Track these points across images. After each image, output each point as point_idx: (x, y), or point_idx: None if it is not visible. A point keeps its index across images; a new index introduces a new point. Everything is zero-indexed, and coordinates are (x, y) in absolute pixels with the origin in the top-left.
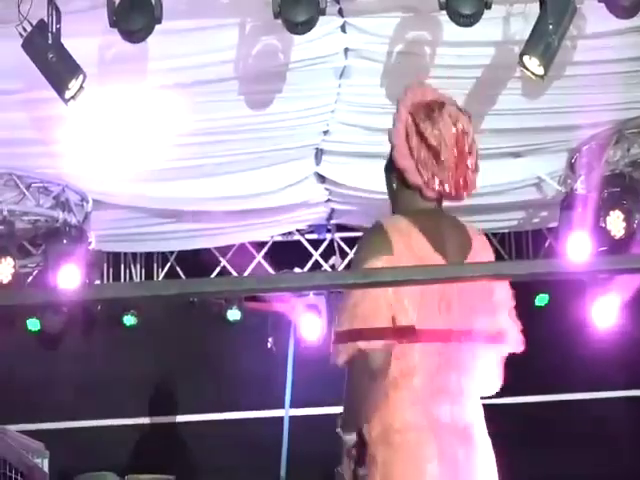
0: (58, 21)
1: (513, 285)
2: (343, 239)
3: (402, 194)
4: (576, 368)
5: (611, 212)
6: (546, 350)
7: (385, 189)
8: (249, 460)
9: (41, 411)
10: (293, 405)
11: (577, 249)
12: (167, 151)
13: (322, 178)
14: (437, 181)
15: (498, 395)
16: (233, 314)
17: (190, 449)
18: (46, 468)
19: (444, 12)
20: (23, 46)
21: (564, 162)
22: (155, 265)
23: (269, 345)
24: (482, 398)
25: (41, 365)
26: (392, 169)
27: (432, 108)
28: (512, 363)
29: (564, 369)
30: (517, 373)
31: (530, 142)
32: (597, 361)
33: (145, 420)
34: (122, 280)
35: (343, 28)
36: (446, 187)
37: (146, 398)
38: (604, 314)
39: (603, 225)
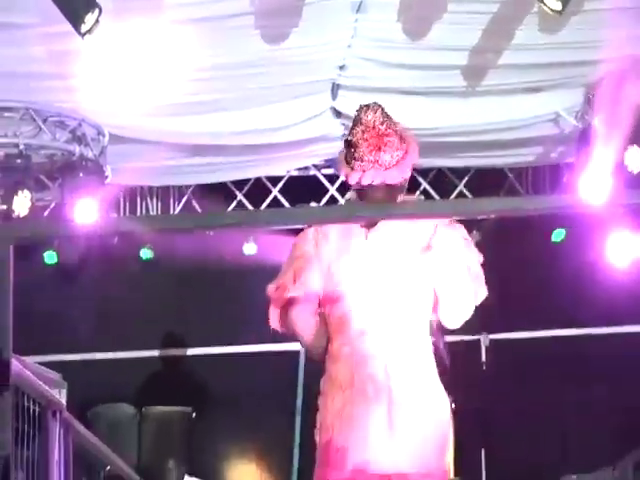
0: None
1: (530, 219)
2: None
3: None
4: (592, 303)
5: (629, 147)
6: (562, 285)
7: (402, 123)
8: (265, 392)
9: (59, 343)
10: None
11: (594, 184)
12: (183, 85)
13: (338, 113)
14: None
15: (514, 329)
16: (249, 248)
17: (207, 381)
18: (64, 399)
19: None
20: None
21: (581, 97)
22: (171, 199)
23: None
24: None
25: (58, 298)
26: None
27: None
28: (528, 298)
29: (580, 304)
30: (533, 308)
31: (547, 77)
32: (613, 296)
33: (161, 352)
34: (138, 214)
35: None
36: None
37: (162, 331)
38: (621, 250)
39: (621, 160)
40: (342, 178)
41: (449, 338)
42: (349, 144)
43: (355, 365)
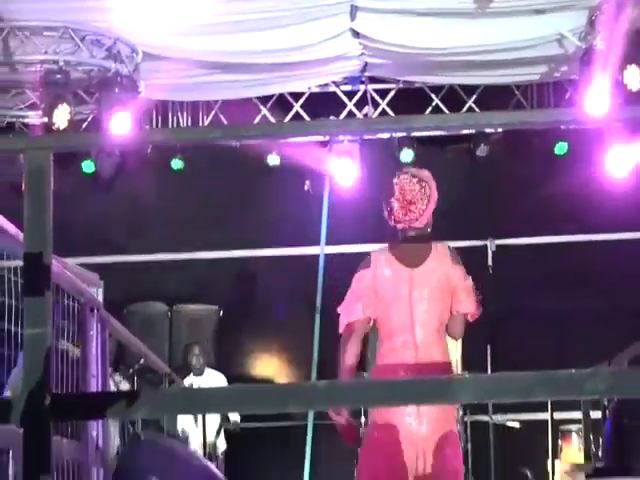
0: None
1: (532, 132)
2: (375, 90)
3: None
4: (593, 212)
5: (628, 66)
6: (564, 195)
7: (416, 43)
8: (287, 292)
9: (96, 246)
10: (328, 243)
11: (595, 100)
12: (213, 6)
13: (356, 33)
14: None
15: (520, 235)
16: (273, 159)
17: (233, 282)
18: (101, 297)
19: None
20: None
21: (585, 19)
22: (200, 113)
23: (306, 188)
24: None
25: (96, 205)
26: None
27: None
28: (532, 206)
29: (581, 212)
30: (537, 216)
31: (553, 0)
32: (613, 205)
33: (191, 255)
34: (170, 127)
35: None
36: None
37: (191, 235)
38: (619, 161)
39: (620, 79)
40: (360, 94)
41: (461, 243)
42: (389, 206)
43: (397, 363)
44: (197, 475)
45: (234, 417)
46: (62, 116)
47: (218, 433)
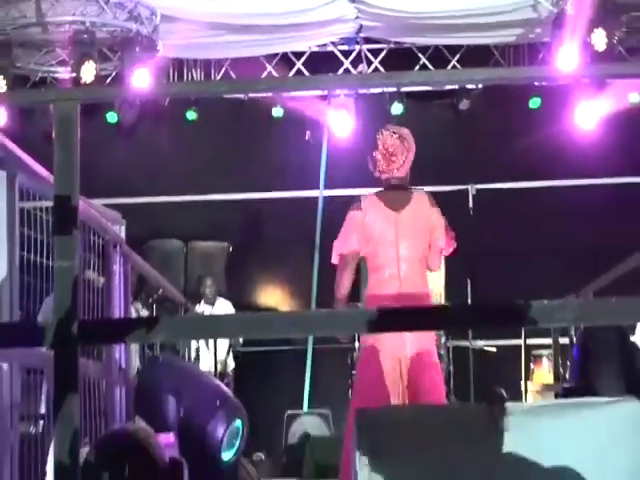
0: None
1: (509, 88)
2: (369, 50)
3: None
4: (564, 159)
5: (595, 30)
6: (538, 144)
7: (406, 8)
8: (290, 231)
9: (119, 189)
10: (327, 187)
11: (565, 60)
12: None
13: None
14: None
15: (497, 181)
16: (277, 111)
17: (242, 222)
18: (123, 234)
19: None
20: None
21: None
22: (212, 69)
23: (307, 137)
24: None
25: (118, 151)
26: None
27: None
28: (510, 154)
29: (553, 160)
30: (514, 163)
31: None
32: (581, 154)
33: (204, 197)
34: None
35: None
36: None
37: (204, 179)
38: (587, 114)
39: (588, 40)
40: (355, 53)
41: (444, 188)
42: (373, 159)
43: (384, 294)
44: (208, 392)
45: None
46: (88, 72)
47: (228, 353)
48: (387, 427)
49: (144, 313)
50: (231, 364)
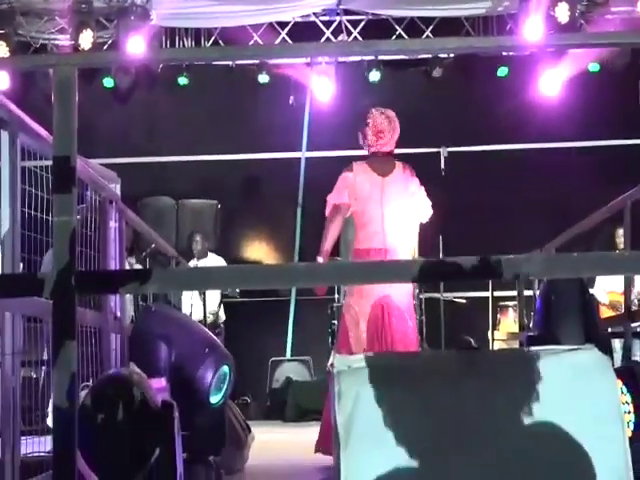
0: None
1: (479, 58)
2: (349, 21)
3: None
4: (530, 124)
5: (559, 3)
6: (506, 110)
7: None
8: (274, 189)
9: (114, 149)
10: (309, 148)
11: (531, 31)
12: None
13: None
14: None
15: (468, 144)
16: (263, 77)
17: (229, 181)
18: (118, 192)
19: None
20: None
21: None
22: (202, 38)
23: (290, 102)
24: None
25: (114, 114)
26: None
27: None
28: (479, 119)
29: (520, 125)
30: (483, 127)
31: None
32: (546, 119)
33: (194, 158)
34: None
35: None
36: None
37: (195, 141)
38: (551, 82)
39: (552, 13)
40: (335, 24)
41: (417, 150)
42: (364, 134)
43: (370, 248)
44: (198, 340)
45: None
46: (86, 39)
47: (219, 305)
48: (364, 373)
49: (138, 267)
50: (222, 316)
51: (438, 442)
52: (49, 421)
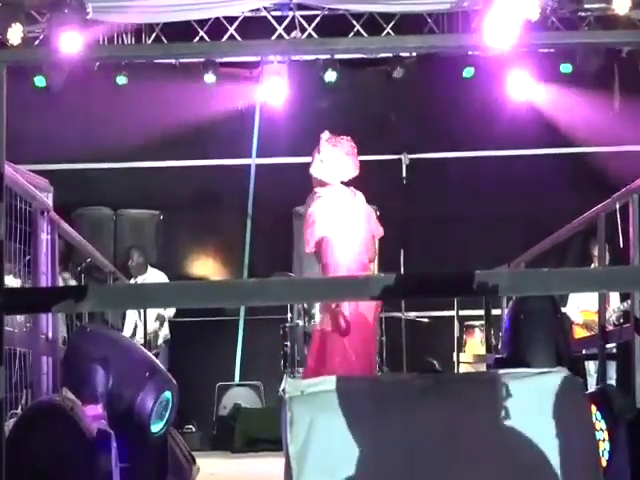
0: None
1: (443, 57)
2: (303, 16)
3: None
4: (495, 130)
5: None
6: (470, 114)
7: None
8: (221, 198)
9: (46, 154)
10: (258, 155)
11: (499, 29)
12: None
13: None
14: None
15: (431, 151)
16: (209, 77)
17: (172, 189)
18: (50, 202)
19: None
20: None
21: None
22: (143, 34)
23: (239, 106)
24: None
25: (47, 116)
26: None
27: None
28: (441, 125)
29: (485, 130)
30: (445, 133)
31: None
32: (512, 125)
33: (134, 164)
34: None
35: None
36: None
37: (135, 146)
38: (518, 85)
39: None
40: (288, 19)
41: (377, 157)
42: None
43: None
44: (137, 363)
45: (169, 312)
46: (15, 34)
47: (162, 324)
48: (317, 399)
49: (72, 283)
50: (164, 335)
51: (396, 473)
52: None
